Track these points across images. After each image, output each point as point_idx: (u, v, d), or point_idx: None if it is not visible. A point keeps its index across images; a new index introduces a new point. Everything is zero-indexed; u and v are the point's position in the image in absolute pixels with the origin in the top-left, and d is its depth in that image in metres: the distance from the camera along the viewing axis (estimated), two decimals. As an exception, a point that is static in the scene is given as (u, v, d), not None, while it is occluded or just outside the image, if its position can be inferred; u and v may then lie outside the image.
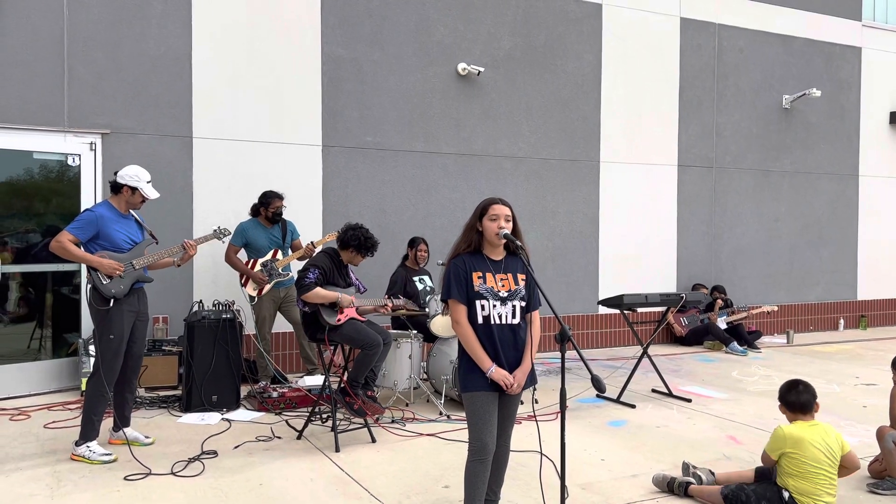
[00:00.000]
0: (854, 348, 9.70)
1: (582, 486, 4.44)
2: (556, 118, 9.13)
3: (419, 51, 8.34)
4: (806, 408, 3.99)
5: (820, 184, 11.14)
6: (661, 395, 6.80)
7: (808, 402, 3.99)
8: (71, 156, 6.79)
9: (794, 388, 4.04)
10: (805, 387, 4.03)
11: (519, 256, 3.60)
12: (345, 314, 5.33)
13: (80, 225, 4.76)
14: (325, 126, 7.88)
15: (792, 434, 3.92)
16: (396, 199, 8.26)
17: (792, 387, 4.05)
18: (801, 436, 3.90)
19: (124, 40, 7.05)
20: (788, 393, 4.05)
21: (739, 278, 10.48)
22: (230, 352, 6.14)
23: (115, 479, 4.45)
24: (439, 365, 6.34)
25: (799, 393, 4.01)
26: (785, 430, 3.96)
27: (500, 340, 3.49)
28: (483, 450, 3.45)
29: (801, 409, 4.00)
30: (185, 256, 5.10)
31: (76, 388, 6.62)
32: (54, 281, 6.71)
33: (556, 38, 9.11)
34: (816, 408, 4.03)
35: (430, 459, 4.90)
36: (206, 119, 7.36)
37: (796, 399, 4.00)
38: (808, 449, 3.86)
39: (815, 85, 10.85)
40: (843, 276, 11.42)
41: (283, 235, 6.99)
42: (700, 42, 10.09)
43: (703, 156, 10.18)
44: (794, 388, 4.03)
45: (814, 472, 3.85)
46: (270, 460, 4.85)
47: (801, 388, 4.02)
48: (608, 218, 9.51)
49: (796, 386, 4.04)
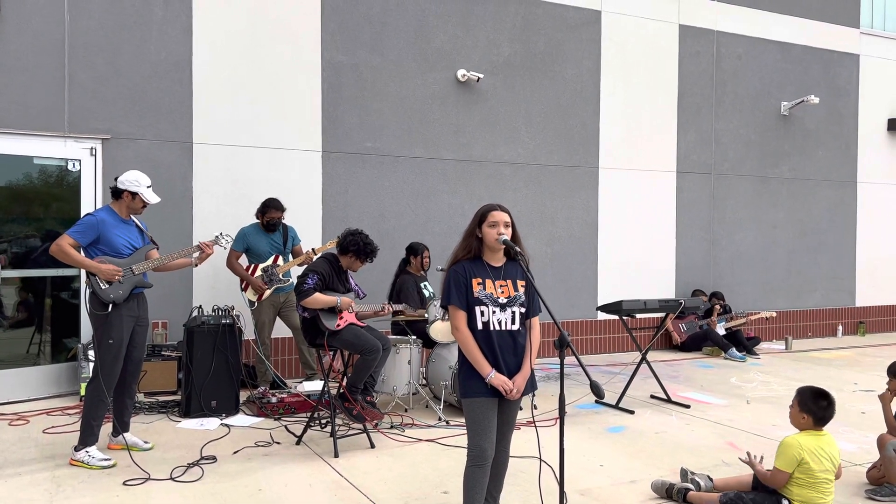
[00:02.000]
0: (852, 354, 9.71)
1: (581, 491, 4.44)
2: (555, 124, 9.16)
3: (419, 57, 8.37)
4: (826, 421, 3.96)
5: (818, 190, 11.17)
6: (660, 400, 6.81)
7: (830, 418, 3.95)
8: (71, 161, 6.81)
9: (822, 399, 3.95)
10: (831, 402, 3.95)
11: (518, 262, 3.62)
12: (344, 319, 5.34)
13: (81, 229, 4.77)
14: (325, 132, 7.90)
15: (808, 445, 3.87)
16: (396, 205, 8.27)
17: (820, 396, 3.96)
18: (813, 444, 3.87)
19: (125, 46, 7.07)
20: (816, 402, 3.94)
21: (738, 284, 10.50)
22: (229, 357, 6.14)
23: (115, 484, 4.45)
24: (438, 370, 6.34)
25: (827, 407, 3.93)
26: (800, 441, 3.89)
27: (499, 346, 3.50)
28: (482, 455, 3.46)
29: (822, 421, 3.95)
30: (203, 256, 5.17)
31: (75, 394, 6.61)
32: (53, 286, 6.71)
33: (555, 45, 9.15)
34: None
35: (429, 465, 4.91)
36: (206, 124, 7.38)
37: (824, 414, 3.93)
38: (820, 459, 3.85)
39: (813, 92, 10.89)
40: (841, 283, 11.44)
41: (284, 241, 7.00)
42: (699, 49, 10.13)
43: (702, 162, 10.20)
44: (823, 399, 3.95)
45: (821, 482, 3.85)
46: (269, 466, 4.85)
47: (827, 403, 3.94)
48: (607, 224, 9.53)
49: (825, 397, 3.96)
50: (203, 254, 5.16)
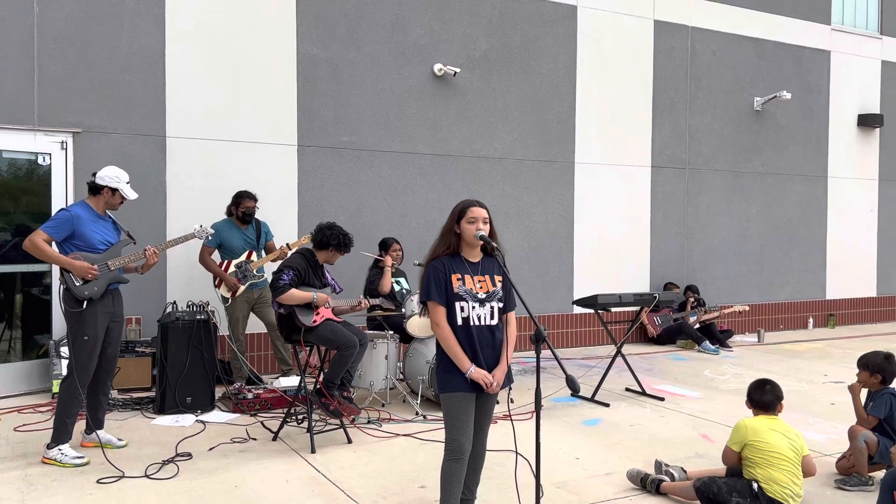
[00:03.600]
0: (823, 346, 9.88)
1: (557, 484, 4.48)
2: (531, 119, 9.19)
3: (395, 51, 8.34)
4: (769, 407, 4.18)
5: (790, 185, 11.33)
6: (635, 393, 6.87)
7: (772, 402, 4.18)
8: (41, 155, 6.69)
9: (760, 388, 4.23)
10: (772, 387, 4.21)
11: (495, 258, 3.63)
12: (321, 315, 5.32)
13: (55, 224, 4.71)
14: (300, 126, 7.85)
15: (752, 424, 4.08)
16: (373, 200, 8.25)
17: (759, 386, 4.24)
18: (761, 425, 4.06)
19: (96, 38, 6.96)
20: (755, 391, 4.24)
21: (711, 278, 10.62)
22: (205, 353, 6.09)
23: (88, 482, 4.40)
24: (416, 365, 6.35)
25: (764, 392, 4.20)
26: (745, 421, 4.14)
27: (478, 341, 3.52)
28: (459, 450, 3.47)
29: (764, 408, 4.19)
30: (145, 266, 4.97)
31: (47, 391, 6.52)
32: (24, 282, 6.60)
33: (531, 40, 9.16)
34: (780, 408, 4.21)
35: (406, 459, 4.91)
36: (179, 118, 7.29)
37: (760, 398, 4.20)
38: (767, 434, 4.01)
39: (786, 87, 11.04)
40: (812, 276, 11.63)
41: (257, 237, 6.95)
42: (673, 44, 10.21)
43: (676, 157, 10.30)
44: (761, 388, 4.22)
45: (777, 459, 3.96)
46: (245, 462, 4.82)
47: (767, 388, 4.21)
48: (583, 218, 9.58)
49: (763, 385, 4.23)
50: (146, 263, 4.92)
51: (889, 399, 4.54)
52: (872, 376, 4.61)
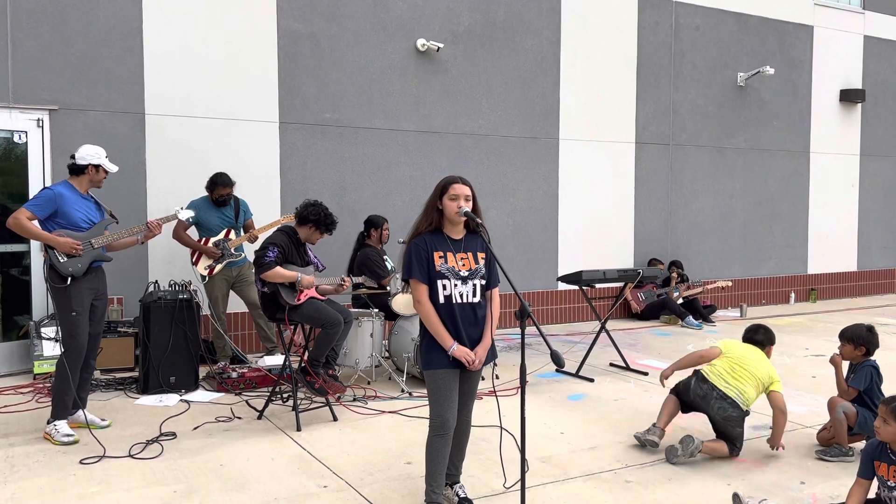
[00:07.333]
0: (804, 321, 9.99)
1: (542, 459, 4.51)
2: (515, 95, 9.13)
3: (377, 26, 8.23)
4: (758, 344, 4.72)
5: (773, 161, 11.37)
6: (619, 368, 6.92)
7: (762, 342, 4.74)
8: (17, 133, 6.57)
9: (755, 329, 4.82)
10: (766, 330, 4.79)
11: (479, 235, 3.61)
12: (305, 293, 5.29)
13: (39, 202, 4.74)
14: (282, 102, 7.75)
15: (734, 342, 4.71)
16: (356, 177, 8.19)
17: (754, 327, 4.84)
18: (742, 346, 4.66)
19: (71, 12, 6.81)
20: (749, 330, 4.83)
21: (695, 254, 10.68)
22: (188, 332, 6.05)
23: (71, 462, 4.37)
24: (401, 343, 6.35)
25: (757, 332, 4.78)
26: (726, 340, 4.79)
27: (461, 318, 3.51)
28: (444, 426, 3.48)
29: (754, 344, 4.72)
30: (149, 235, 5.09)
31: (28, 372, 6.46)
32: (3, 262, 6.51)
33: (515, 15, 9.08)
34: (769, 352, 4.73)
35: (392, 436, 4.92)
36: (158, 95, 7.18)
37: (752, 336, 4.79)
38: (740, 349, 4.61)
39: (769, 63, 11.03)
40: (794, 251, 11.72)
41: (235, 215, 6.87)
42: (657, 19, 10.16)
43: (660, 133, 10.29)
44: (755, 329, 4.82)
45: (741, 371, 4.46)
46: (231, 441, 4.81)
47: (761, 330, 4.78)
48: (567, 195, 9.58)
49: (758, 328, 4.82)
50: (150, 233, 5.07)
51: (870, 371, 4.60)
52: (857, 349, 4.66)
